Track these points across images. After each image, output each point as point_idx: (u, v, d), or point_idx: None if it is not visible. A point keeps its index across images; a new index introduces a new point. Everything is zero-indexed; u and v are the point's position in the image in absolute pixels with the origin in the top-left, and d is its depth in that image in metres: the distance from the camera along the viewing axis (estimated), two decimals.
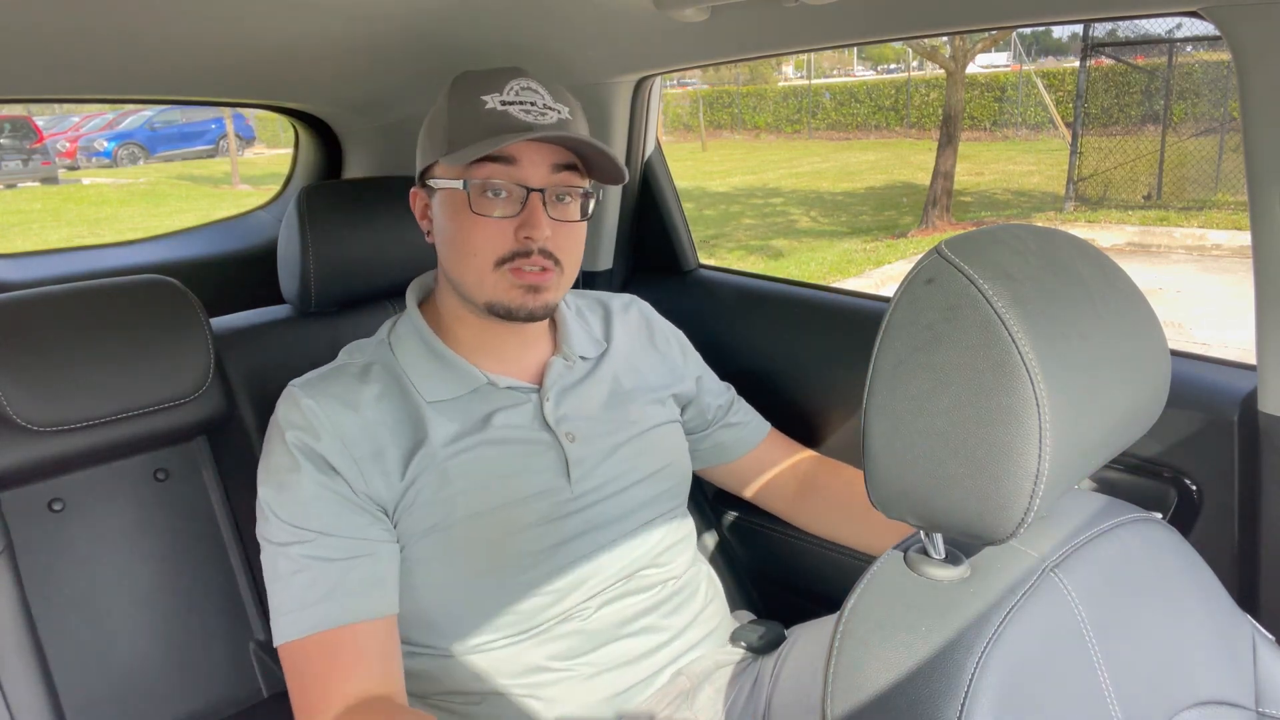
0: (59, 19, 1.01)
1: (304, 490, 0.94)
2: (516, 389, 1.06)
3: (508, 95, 0.98)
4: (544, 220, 0.98)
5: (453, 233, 1.01)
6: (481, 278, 0.99)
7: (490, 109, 0.97)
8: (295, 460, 0.95)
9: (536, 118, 0.98)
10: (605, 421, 1.09)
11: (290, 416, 0.98)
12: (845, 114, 18.59)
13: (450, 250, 1.02)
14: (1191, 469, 1.11)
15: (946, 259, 0.61)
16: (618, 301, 1.25)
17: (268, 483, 0.97)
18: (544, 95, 1.00)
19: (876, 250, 7.77)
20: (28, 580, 1.12)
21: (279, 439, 0.97)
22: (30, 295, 1.14)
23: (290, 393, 1.00)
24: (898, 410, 0.62)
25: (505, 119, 0.97)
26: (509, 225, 0.98)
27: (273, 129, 20.19)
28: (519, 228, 0.98)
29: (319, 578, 0.92)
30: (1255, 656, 0.77)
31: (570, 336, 1.12)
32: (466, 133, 0.98)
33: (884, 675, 0.62)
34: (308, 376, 1.03)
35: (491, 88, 0.99)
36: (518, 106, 0.98)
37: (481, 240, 0.98)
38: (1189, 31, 8.94)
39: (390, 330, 1.10)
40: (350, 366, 1.04)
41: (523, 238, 0.98)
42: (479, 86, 0.99)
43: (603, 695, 1.03)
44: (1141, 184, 9.03)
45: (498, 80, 0.99)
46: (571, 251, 1.03)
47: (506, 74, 1.00)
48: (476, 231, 0.98)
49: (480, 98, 0.98)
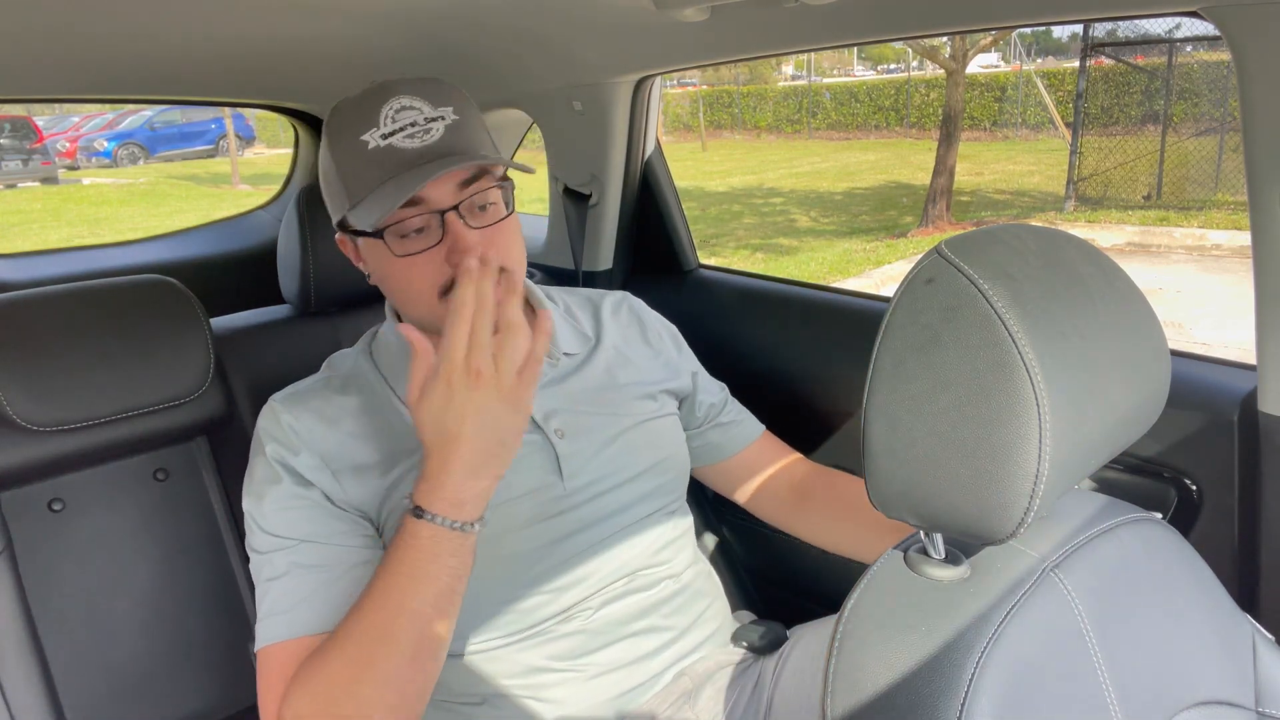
0: (59, 19, 1.01)
1: (283, 501, 0.95)
2: None
3: (386, 126, 0.94)
4: (469, 239, 0.94)
5: (389, 278, 0.99)
6: (431, 310, 0.97)
7: (374, 149, 0.93)
8: (275, 473, 0.96)
9: (421, 140, 0.94)
10: (596, 415, 1.08)
11: (270, 430, 0.99)
12: (845, 114, 18.59)
13: (395, 295, 1.01)
14: (1191, 469, 1.11)
15: (946, 259, 0.61)
16: (609, 299, 1.24)
17: (250, 494, 0.97)
18: (423, 107, 0.95)
19: (876, 250, 7.77)
20: (28, 580, 1.12)
21: (260, 452, 0.98)
22: (30, 295, 1.14)
23: (271, 407, 1.01)
24: (898, 410, 0.62)
25: (390, 155, 0.93)
26: (437, 254, 0.95)
27: (273, 129, 20.20)
28: (449, 254, 0.95)
29: (299, 584, 0.92)
30: (1255, 656, 0.77)
31: (555, 335, 1.11)
32: (360, 182, 0.95)
33: (884, 675, 0.62)
34: (287, 391, 1.04)
35: (367, 122, 0.94)
36: (400, 135, 0.94)
37: (416, 277, 0.96)
38: (1189, 31, 8.94)
39: (371, 340, 1.10)
40: (331, 379, 1.05)
41: (454, 262, 0.94)
42: (354, 125, 0.95)
43: (605, 696, 1.03)
44: (1141, 184, 9.04)
45: (370, 109, 0.94)
46: (510, 250, 0.99)
47: (376, 101, 0.95)
48: (408, 271, 0.96)
49: (359, 139, 0.94)
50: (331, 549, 0.94)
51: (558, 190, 1.79)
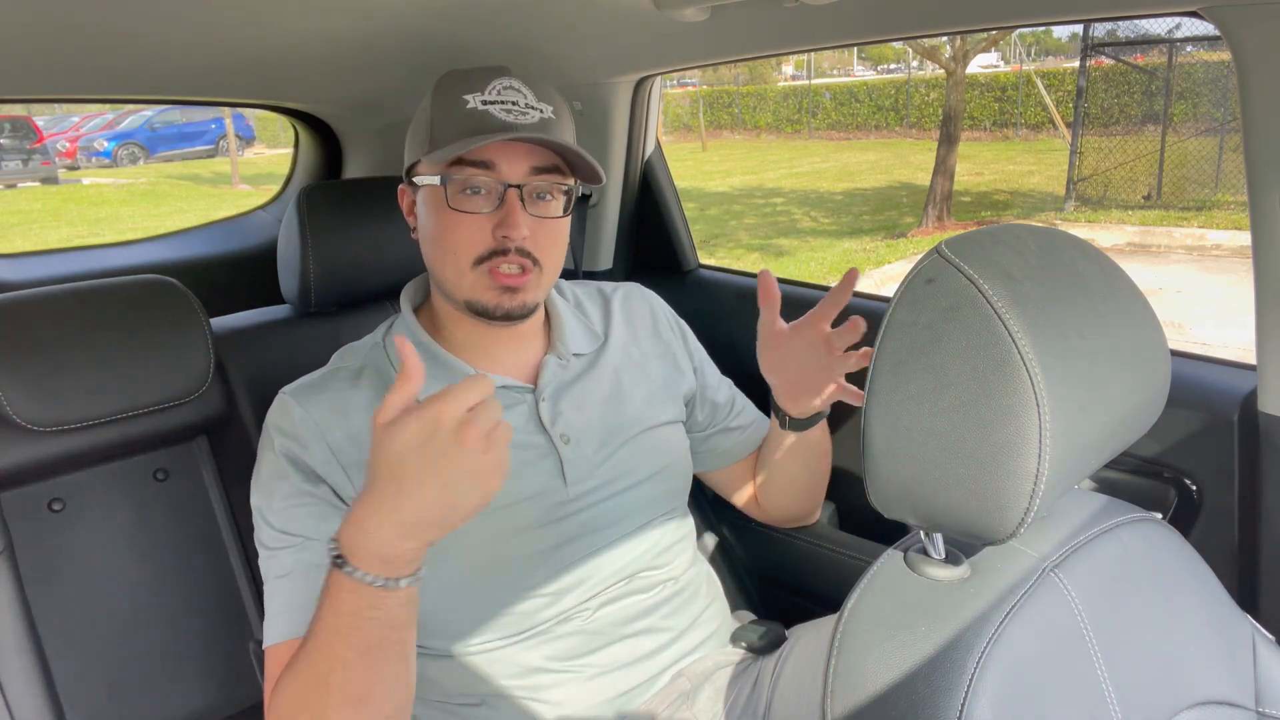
0: (59, 19, 1.01)
1: (291, 498, 0.95)
2: (511, 388, 1.05)
3: (489, 95, 0.98)
4: (521, 218, 0.97)
5: (432, 229, 1.01)
6: (460, 276, 1.00)
7: (471, 108, 0.97)
8: (283, 468, 0.96)
9: (517, 118, 0.97)
10: (602, 421, 1.08)
11: (280, 424, 0.98)
12: (845, 114, 18.59)
13: (431, 247, 1.03)
14: (1191, 469, 1.11)
15: (946, 259, 0.61)
16: (619, 291, 1.23)
17: (258, 489, 0.97)
18: (526, 95, 1.00)
19: (876, 250, 7.77)
20: (28, 580, 1.12)
21: (269, 446, 0.98)
22: (30, 295, 1.14)
23: (281, 400, 1.01)
24: (898, 410, 0.62)
25: (485, 119, 0.97)
26: (487, 223, 0.98)
27: (273, 129, 20.19)
28: (497, 226, 0.97)
29: (304, 585, 0.91)
30: (1255, 656, 0.77)
31: (565, 334, 1.11)
32: (447, 131, 0.98)
33: (884, 675, 0.62)
34: (299, 382, 1.03)
35: (474, 87, 0.99)
36: (499, 106, 0.98)
37: (460, 238, 0.98)
38: (1189, 31, 8.93)
39: (385, 333, 1.10)
40: (342, 371, 1.04)
41: (500, 236, 0.97)
42: (462, 85, 0.99)
43: (604, 697, 1.03)
44: (1141, 184, 9.03)
45: (481, 79, 0.99)
46: (551, 250, 1.02)
47: (490, 73, 1.00)
48: (455, 229, 0.98)
49: (462, 97, 0.98)
50: None
51: None
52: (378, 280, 1.36)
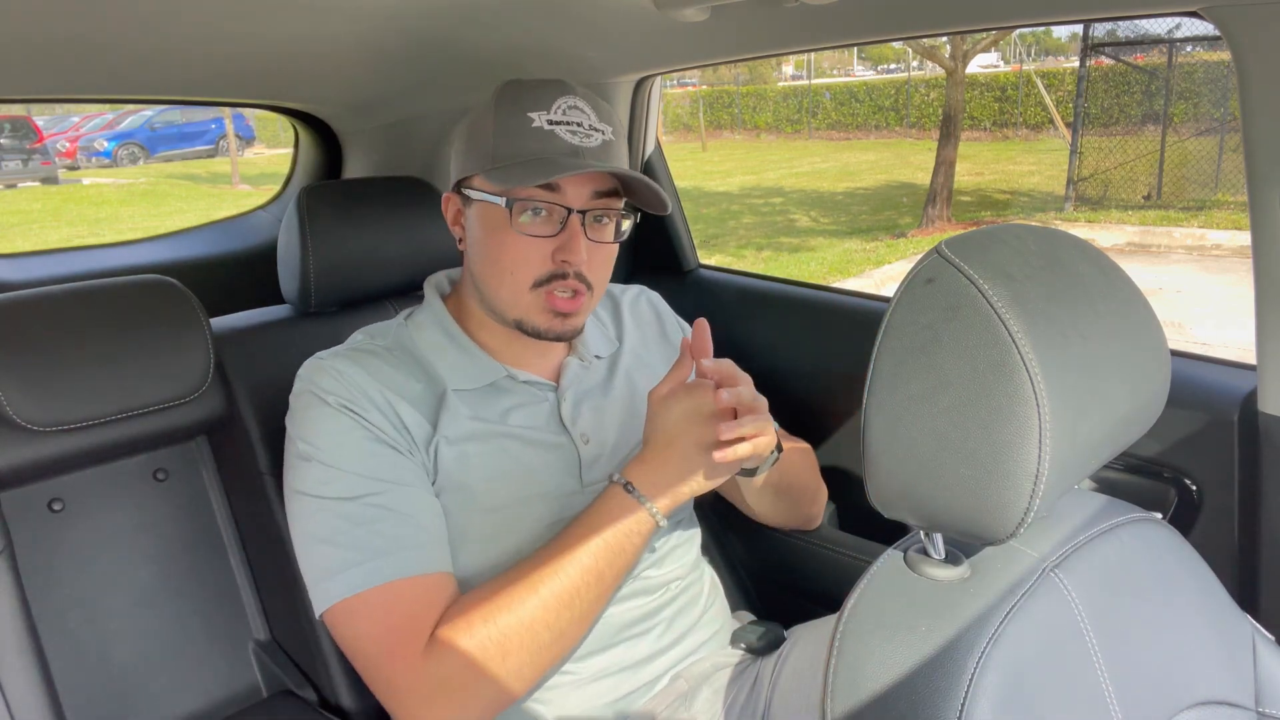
0: (59, 19, 1.01)
1: (365, 444, 0.94)
2: (534, 384, 1.07)
3: (555, 114, 0.97)
4: (583, 244, 0.98)
5: (490, 248, 1.00)
6: (516, 297, 1.00)
7: (537, 127, 0.96)
8: (351, 419, 0.95)
9: (582, 139, 0.97)
10: (619, 426, 1.09)
11: (325, 384, 0.97)
12: (845, 114, 18.59)
13: (486, 265, 1.02)
14: (1191, 469, 1.11)
15: (946, 259, 0.61)
16: (627, 294, 1.25)
17: (320, 441, 0.95)
18: (590, 115, 0.99)
19: (876, 250, 7.76)
20: (28, 580, 1.12)
21: (319, 403, 0.97)
22: (30, 295, 1.14)
23: (320, 364, 1.00)
24: (898, 410, 0.62)
25: (552, 141, 0.96)
26: (547, 246, 0.98)
27: (273, 129, 20.19)
28: (557, 250, 0.97)
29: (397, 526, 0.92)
30: (1255, 656, 0.77)
31: (586, 337, 1.13)
32: (512, 150, 0.97)
33: (884, 675, 0.62)
34: (333, 350, 1.03)
35: (539, 104, 0.97)
36: (564, 127, 0.97)
37: (520, 259, 0.98)
38: (1189, 31, 8.93)
39: (409, 318, 1.10)
40: (371, 345, 1.04)
41: (560, 260, 0.97)
42: (525, 101, 0.98)
43: (605, 700, 1.03)
44: (1141, 184, 9.03)
45: (546, 96, 0.98)
46: (603, 273, 1.03)
47: (554, 89, 0.99)
48: (515, 250, 0.98)
49: (527, 114, 0.97)
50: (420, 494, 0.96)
51: None
52: (378, 280, 1.36)
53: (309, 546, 0.94)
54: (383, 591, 0.90)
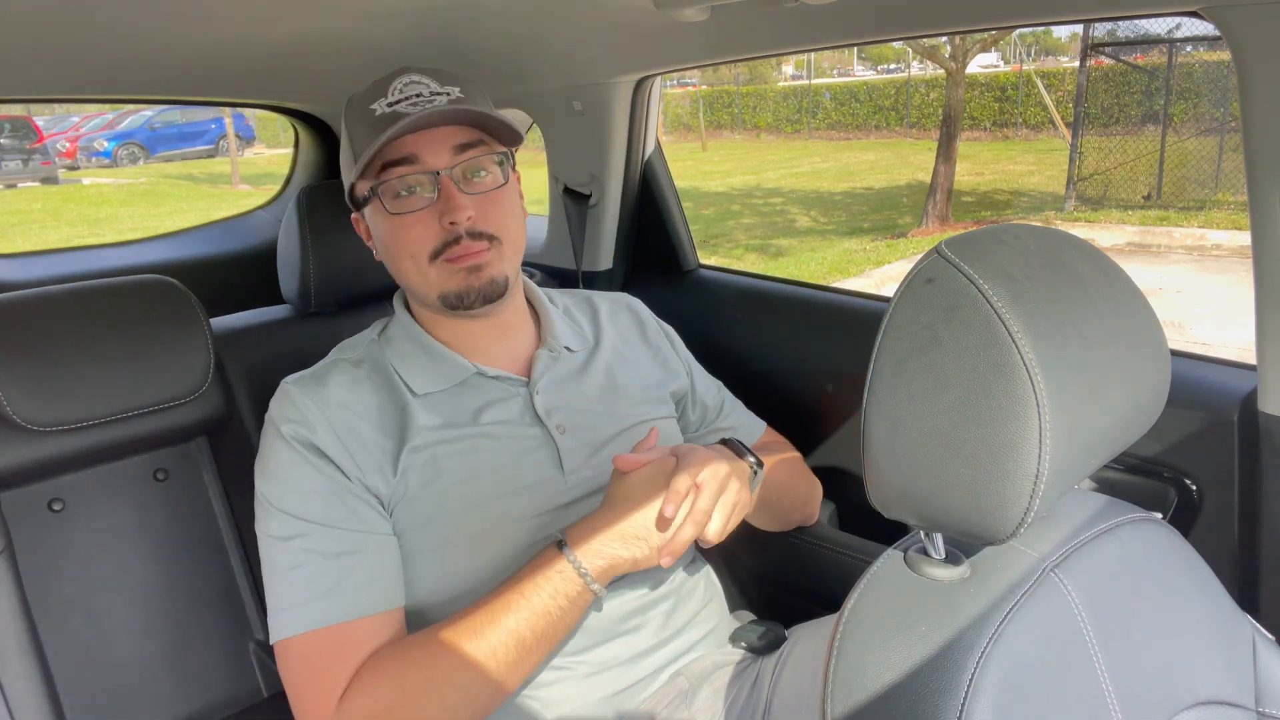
0: (59, 19, 1.01)
1: (305, 481, 0.95)
2: (505, 379, 1.07)
3: (393, 96, 0.99)
4: (460, 200, 0.98)
5: (386, 242, 1.02)
6: (424, 275, 1.01)
7: (380, 115, 0.99)
8: (295, 453, 0.96)
9: (424, 108, 0.98)
10: (597, 415, 1.09)
11: (285, 412, 0.99)
12: (845, 114, 18.58)
13: (390, 259, 1.04)
14: (1191, 469, 1.11)
15: (946, 259, 0.61)
16: (607, 301, 1.25)
17: (267, 476, 0.97)
18: (429, 84, 1.01)
19: (876, 250, 7.77)
20: (28, 580, 1.12)
21: (275, 434, 0.98)
22: (30, 295, 1.14)
23: (284, 390, 1.01)
24: (898, 410, 0.62)
25: (392, 119, 0.97)
26: (430, 216, 0.99)
27: (273, 129, 20.20)
28: (441, 215, 0.98)
29: (321, 572, 0.92)
30: (1255, 656, 0.77)
31: (554, 328, 1.13)
32: (363, 145, 0.98)
33: (884, 675, 0.62)
34: (300, 374, 1.04)
35: (377, 95, 1.00)
36: (405, 103, 0.99)
37: (410, 239, 1.00)
38: (1189, 31, 8.93)
39: (381, 330, 1.11)
40: (342, 363, 1.06)
41: (447, 224, 0.98)
42: (366, 98, 1.01)
43: (600, 695, 1.03)
44: (1141, 184, 9.03)
45: (382, 85, 1.01)
46: (504, 221, 1.03)
47: (390, 77, 1.01)
48: (402, 232, 1.00)
49: (369, 108, 1.00)
50: (352, 535, 0.94)
51: (558, 190, 1.79)
52: (378, 280, 1.36)
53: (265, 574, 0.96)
54: (301, 641, 0.90)
